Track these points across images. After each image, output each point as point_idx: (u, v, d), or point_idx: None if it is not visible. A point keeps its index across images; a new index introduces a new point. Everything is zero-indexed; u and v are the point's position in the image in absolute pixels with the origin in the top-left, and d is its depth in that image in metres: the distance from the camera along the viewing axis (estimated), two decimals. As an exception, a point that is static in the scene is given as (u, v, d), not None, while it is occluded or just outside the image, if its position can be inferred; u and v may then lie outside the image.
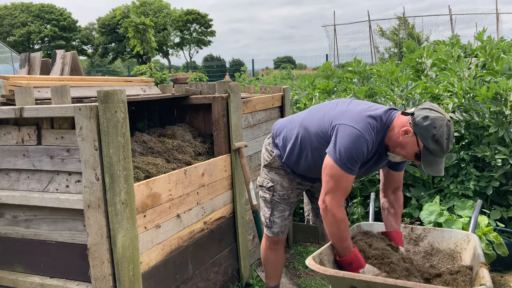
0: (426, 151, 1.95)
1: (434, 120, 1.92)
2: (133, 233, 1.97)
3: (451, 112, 3.69)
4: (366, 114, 2.05)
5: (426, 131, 1.92)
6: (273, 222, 2.51)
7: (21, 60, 4.34)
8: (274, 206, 2.49)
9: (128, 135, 1.91)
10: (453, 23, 17.42)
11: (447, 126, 1.92)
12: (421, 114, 1.95)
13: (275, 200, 2.49)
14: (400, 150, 2.03)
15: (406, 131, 1.98)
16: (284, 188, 2.47)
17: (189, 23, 46.52)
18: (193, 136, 3.14)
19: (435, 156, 1.94)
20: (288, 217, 2.53)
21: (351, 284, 1.85)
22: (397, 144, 2.03)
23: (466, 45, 4.91)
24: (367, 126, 2.00)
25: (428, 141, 1.92)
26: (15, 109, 2.03)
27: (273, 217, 2.50)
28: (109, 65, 43.58)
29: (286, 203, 2.50)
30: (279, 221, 2.50)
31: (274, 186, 2.47)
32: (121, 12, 10.59)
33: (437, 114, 1.94)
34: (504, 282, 3.04)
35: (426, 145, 1.93)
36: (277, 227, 2.51)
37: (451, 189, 3.45)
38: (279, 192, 2.47)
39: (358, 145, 1.97)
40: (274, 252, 2.60)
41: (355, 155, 1.98)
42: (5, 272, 2.21)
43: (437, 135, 1.90)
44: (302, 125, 2.29)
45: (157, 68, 6.83)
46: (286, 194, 2.48)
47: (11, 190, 2.14)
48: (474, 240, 2.18)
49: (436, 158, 1.95)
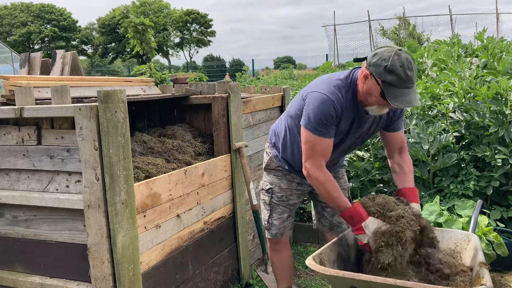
0: (386, 85, 1.93)
1: (381, 53, 1.94)
2: (133, 233, 1.97)
3: (452, 112, 3.69)
4: (332, 79, 2.13)
5: (378, 66, 1.93)
6: (271, 224, 2.51)
7: (21, 60, 4.34)
8: (273, 208, 2.50)
9: (128, 135, 1.91)
10: (453, 23, 17.43)
11: (397, 54, 1.92)
12: (371, 54, 2.00)
13: (273, 202, 2.49)
14: (370, 97, 2.04)
15: (365, 76, 2.01)
16: (283, 190, 2.47)
17: (189, 23, 46.53)
18: (193, 136, 3.14)
19: (397, 88, 1.92)
20: (287, 219, 2.52)
21: (351, 284, 1.85)
22: (364, 93, 2.05)
23: (467, 45, 4.92)
24: (332, 88, 2.07)
25: (382, 74, 1.92)
26: (15, 109, 2.03)
27: (271, 219, 2.51)
28: (109, 65, 43.59)
29: (284, 205, 2.49)
30: (277, 223, 2.50)
31: (273, 188, 2.48)
32: (120, 12, 10.59)
33: (385, 48, 1.97)
34: (504, 282, 3.04)
35: (383, 80, 1.93)
36: (275, 229, 2.52)
37: (451, 189, 3.45)
38: (277, 194, 2.48)
39: (325, 107, 2.03)
40: (276, 253, 2.60)
41: (323, 117, 2.04)
42: (5, 272, 2.21)
43: (389, 65, 1.90)
44: (287, 114, 2.36)
45: (157, 68, 6.83)
46: (285, 196, 2.48)
47: (11, 190, 2.14)
48: (474, 240, 2.18)
49: (399, 89, 1.92)
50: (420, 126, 3.53)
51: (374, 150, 3.82)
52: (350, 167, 3.90)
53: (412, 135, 3.58)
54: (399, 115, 2.28)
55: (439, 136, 3.50)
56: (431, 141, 3.49)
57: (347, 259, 2.25)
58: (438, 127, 3.50)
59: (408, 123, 3.70)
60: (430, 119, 3.81)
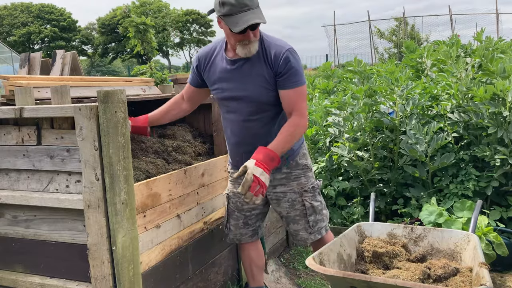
0: (226, 18, 2.03)
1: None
2: (133, 233, 1.97)
3: (450, 113, 3.69)
4: None
5: (216, 6, 2.07)
6: (229, 229, 2.53)
7: (21, 60, 4.34)
8: (230, 214, 2.50)
9: (128, 135, 1.91)
10: (453, 23, 17.43)
11: None
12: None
13: (230, 208, 2.49)
14: (230, 39, 2.13)
15: (218, 22, 2.13)
16: (236, 195, 2.44)
17: (189, 23, 46.53)
18: (193, 136, 3.14)
19: (234, 15, 2.00)
20: (244, 226, 2.49)
21: (351, 284, 1.85)
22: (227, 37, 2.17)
23: (466, 45, 4.92)
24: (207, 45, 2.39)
25: (220, 10, 2.03)
26: (15, 109, 2.03)
27: (229, 224, 2.52)
28: (109, 65, 43.59)
29: (239, 211, 2.46)
30: (233, 229, 2.51)
31: (228, 194, 2.49)
32: (121, 12, 10.59)
33: None
34: (504, 282, 3.04)
35: (222, 15, 2.04)
36: (232, 235, 2.53)
37: (450, 189, 3.46)
38: (232, 200, 2.47)
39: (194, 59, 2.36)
40: (243, 254, 2.62)
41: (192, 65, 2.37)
42: (5, 272, 2.21)
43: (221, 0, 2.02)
44: None
45: (157, 68, 6.83)
46: (238, 202, 2.44)
47: (11, 190, 2.14)
48: (474, 240, 2.18)
49: (236, 16, 2.00)
50: (416, 127, 3.52)
51: (374, 150, 3.82)
52: (350, 167, 3.91)
53: (408, 135, 3.58)
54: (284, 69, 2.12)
55: (436, 135, 3.50)
56: (427, 141, 3.49)
57: (347, 259, 2.26)
58: (433, 127, 3.50)
59: (407, 123, 3.71)
60: (429, 120, 3.81)
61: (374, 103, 3.87)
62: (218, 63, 2.24)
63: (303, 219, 2.38)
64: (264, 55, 2.15)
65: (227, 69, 2.21)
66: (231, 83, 2.21)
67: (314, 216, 2.38)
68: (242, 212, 2.47)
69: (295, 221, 2.41)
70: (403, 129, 3.72)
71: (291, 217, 2.40)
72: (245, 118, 2.24)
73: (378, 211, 3.81)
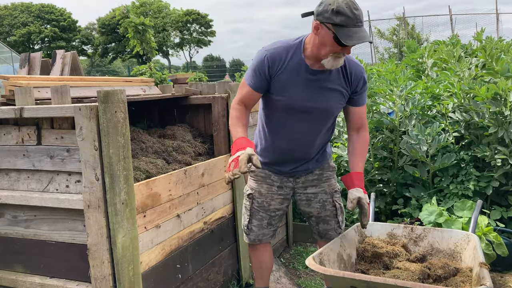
0: (338, 28, 1.95)
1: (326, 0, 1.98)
2: (133, 233, 1.97)
3: (451, 112, 3.69)
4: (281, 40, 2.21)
5: (326, 12, 1.96)
6: (250, 229, 2.47)
7: (21, 60, 4.34)
8: (253, 214, 2.44)
9: (128, 135, 1.91)
10: (453, 23, 17.43)
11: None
12: (316, 5, 2.04)
13: (254, 208, 2.43)
14: (324, 48, 2.03)
15: (316, 28, 2.03)
16: (262, 195, 2.41)
17: (189, 23, 46.53)
18: (193, 136, 3.14)
19: (347, 27, 1.94)
20: (267, 226, 2.46)
21: (351, 284, 1.85)
22: (318, 46, 2.05)
23: (467, 45, 4.92)
24: (274, 44, 2.17)
25: (332, 17, 1.94)
26: (15, 109, 2.03)
27: (251, 225, 2.46)
28: (109, 65, 43.60)
29: (264, 211, 2.43)
30: (256, 229, 2.45)
31: (253, 193, 2.43)
32: (120, 12, 10.60)
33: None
34: (504, 282, 3.04)
35: (333, 23, 1.95)
36: (254, 235, 2.47)
37: (451, 189, 3.45)
38: (257, 200, 2.42)
39: (258, 58, 2.14)
40: (255, 254, 2.54)
41: (255, 67, 2.15)
42: (5, 272, 2.21)
43: (335, 7, 1.93)
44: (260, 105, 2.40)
45: (157, 68, 6.83)
46: (265, 202, 2.41)
47: (11, 190, 2.14)
48: (474, 240, 2.18)
49: (350, 29, 1.94)
50: (418, 127, 3.52)
51: (373, 150, 3.82)
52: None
53: (410, 135, 3.58)
54: (361, 88, 2.24)
55: (438, 136, 3.50)
56: (429, 141, 3.49)
57: (347, 259, 2.26)
58: (436, 128, 3.50)
59: (407, 123, 3.71)
60: (430, 119, 3.81)
61: (373, 103, 3.87)
62: (294, 70, 2.14)
63: (333, 219, 2.44)
64: (344, 72, 2.18)
65: (306, 78, 2.14)
66: (305, 92, 2.16)
67: (342, 217, 2.46)
68: (268, 212, 2.44)
69: (325, 221, 2.45)
70: (403, 129, 3.71)
71: (321, 217, 2.44)
72: (309, 128, 2.25)
73: (378, 211, 3.81)
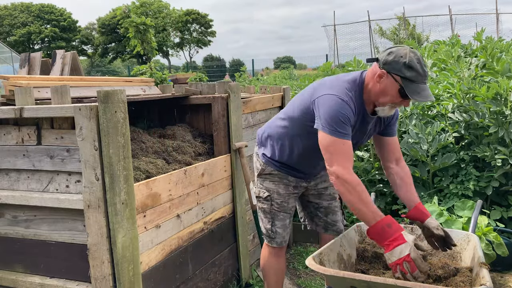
0: (406, 82, 1.94)
1: (397, 51, 1.97)
2: (133, 233, 1.97)
3: (451, 112, 3.69)
4: (340, 81, 2.12)
5: (396, 64, 1.95)
6: (275, 232, 2.42)
7: (21, 60, 4.33)
8: (274, 216, 2.42)
9: (128, 135, 1.91)
10: (453, 23, 17.42)
11: (412, 52, 1.95)
12: (384, 54, 2.01)
13: (274, 209, 2.41)
14: (384, 97, 2.02)
15: (380, 75, 2.00)
16: (281, 195, 2.40)
17: (189, 23, 46.53)
18: (193, 136, 3.14)
19: (417, 83, 1.94)
20: (289, 225, 2.47)
21: (351, 284, 1.85)
22: (378, 93, 2.04)
23: (466, 45, 4.91)
24: (343, 89, 2.05)
25: (403, 70, 1.93)
26: (15, 109, 2.03)
27: (275, 228, 2.42)
28: (109, 65, 43.59)
29: (285, 210, 2.43)
30: (281, 231, 2.43)
31: (271, 195, 2.40)
32: (121, 12, 10.62)
33: (398, 47, 2.00)
34: (504, 282, 3.04)
35: (403, 76, 1.94)
36: (280, 237, 2.43)
37: (451, 189, 3.45)
38: (277, 201, 2.40)
39: (340, 107, 1.99)
40: (277, 260, 2.49)
41: (341, 117, 1.98)
42: (5, 272, 2.21)
43: (408, 61, 1.92)
44: (286, 116, 2.30)
45: (157, 68, 6.83)
46: (284, 201, 2.41)
47: (11, 190, 2.14)
48: (474, 240, 2.18)
49: (418, 85, 1.94)
50: (419, 126, 3.53)
51: (374, 150, 3.82)
52: (350, 167, 3.90)
53: (410, 135, 3.58)
54: (395, 119, 2.28)
55: (438, 136, 3.50)
56: (430, 141, 3.49)
57: (347, 259, 2.26)
58: (436, 127, 3.50)
59: (407, 123, 3.71)
60: (430, 120, 3.81)
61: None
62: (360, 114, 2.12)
63: (340, 211, 2.56)
64: None
65: (364, 122, 2.16)
66: (357, 135, 2.18)
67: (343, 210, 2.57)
68: (288, 211, 2.44)
69: (334, 212, 2.53)
70: (403, 129, 3.71)
71: (331, 207, 2.52)
72: None
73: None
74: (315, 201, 2.51)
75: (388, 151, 2.30)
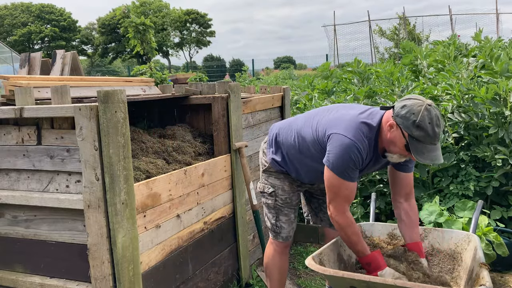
0: (412, 140, 1.91)
1: (411, 106, 1.90)
2: (133, 233, 1.97)
3: (450, 113, 3.69)
4: (358, 121, 2.06)
5: (406, 120, 1.90)
6: (280, 227, 2.45)
7: (21, 60, 4.33)
8: (279, 211, 2.45)
9: (128, 135, 1.91)
10: (453, 23, 17.42)
11: (427, 110, 1.88)
12: (399, 105, 1.95)
13: (278, 205, 2.45)
14: (393, 147, 2.01)
15: (391, 125, 1.98)
16: (286, 192, 2.44)
17: (189, 23, 46.52)
18: (193, 136, 3.14)
19: (423, 144, 1.89)
20: (294, 220, 2.50)
21: (351, 284, 1.85)
22: (388, 141, 2.02)
23: (461, 46, 4.91)
24: (359, 134, 2.02)
25: (410, 129, 1.89)
26: (15, 109, 2.03)
27: (279, 223, 2.45)
28: (109, 65, 43.59)
29: (289, 206, 2.46)
30: (286, 226, 2.46)
31: (276, 191, 2.44)
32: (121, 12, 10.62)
33: (414, 101, 1.92)
34: (504, 282, 3.04)
35: (410, 134, 1.90)
36: (285, 232, 2.46)
37: (451, 190, 3.45)
38: (281, 197, 2.44)
39: (352, 153, 1.99)
40: (282, 257, 2.52)
41: (350, 163, 2.00)
42: (5, 272, 2.21)
43: (418, 120, 1.87)
44: (299, 135, 2.29)
45: (157, 68, 6.83)
46: (288, 198, 2.45)
47: (11, 190, 2.14)
48: (474, 241, 2.18)
49: (426, 146, 1.89)
50: (420, 126, 3.53)
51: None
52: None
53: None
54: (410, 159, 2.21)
55: (438, 136, 3.50)
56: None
57: (347, 259, 2.26)
58: (437, 127, 3.50)
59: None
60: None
61: (374, 104, 3.87)
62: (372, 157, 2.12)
63: None
64: None
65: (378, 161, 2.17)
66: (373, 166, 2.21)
67: None
68: (292, 207, 2.47)
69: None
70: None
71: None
72: None
73: (378, 211, 3.80)
74: (319, 197, 2.54)
75: (400, 186, 2.26)
